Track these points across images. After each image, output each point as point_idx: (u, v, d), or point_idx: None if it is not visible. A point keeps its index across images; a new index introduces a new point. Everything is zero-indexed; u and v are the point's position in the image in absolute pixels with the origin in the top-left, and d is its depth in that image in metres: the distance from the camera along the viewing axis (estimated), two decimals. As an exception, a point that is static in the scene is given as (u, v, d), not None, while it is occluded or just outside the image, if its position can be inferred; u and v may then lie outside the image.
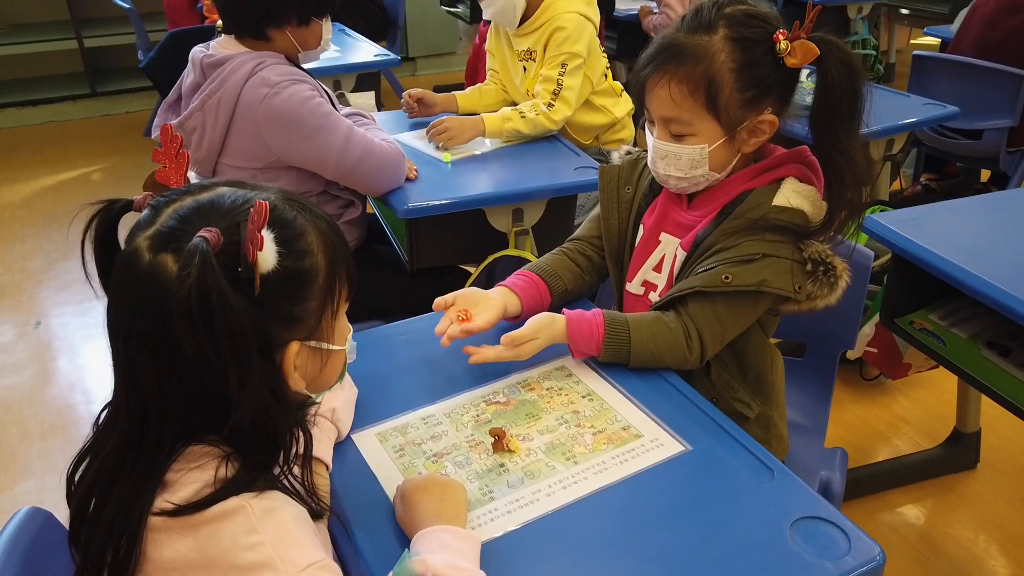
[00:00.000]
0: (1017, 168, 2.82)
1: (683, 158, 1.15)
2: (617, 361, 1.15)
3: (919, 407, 2.26)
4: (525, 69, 2.22)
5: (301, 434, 0.81)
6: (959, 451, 2.01)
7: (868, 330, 2.01)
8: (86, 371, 2.55)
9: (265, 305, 0.73)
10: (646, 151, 1.34)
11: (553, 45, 2.10)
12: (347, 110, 1.90)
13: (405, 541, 0.88)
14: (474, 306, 1.19)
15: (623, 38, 3.83)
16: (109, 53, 4.92)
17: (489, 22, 2.31)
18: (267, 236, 0.72)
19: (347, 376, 1.10)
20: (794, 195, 1.14)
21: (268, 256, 0.72)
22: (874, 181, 2.44)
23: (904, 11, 4.76)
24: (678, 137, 1.15)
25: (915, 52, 2.91)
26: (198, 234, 0.69)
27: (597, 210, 1.38)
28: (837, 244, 1.17)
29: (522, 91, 2.26)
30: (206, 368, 0.69)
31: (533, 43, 2.16)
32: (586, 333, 1.14)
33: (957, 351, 1.53)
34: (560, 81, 2.07)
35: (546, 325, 1.14)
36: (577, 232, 1.41)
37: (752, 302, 1.15)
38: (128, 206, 0.78)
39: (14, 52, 4.68)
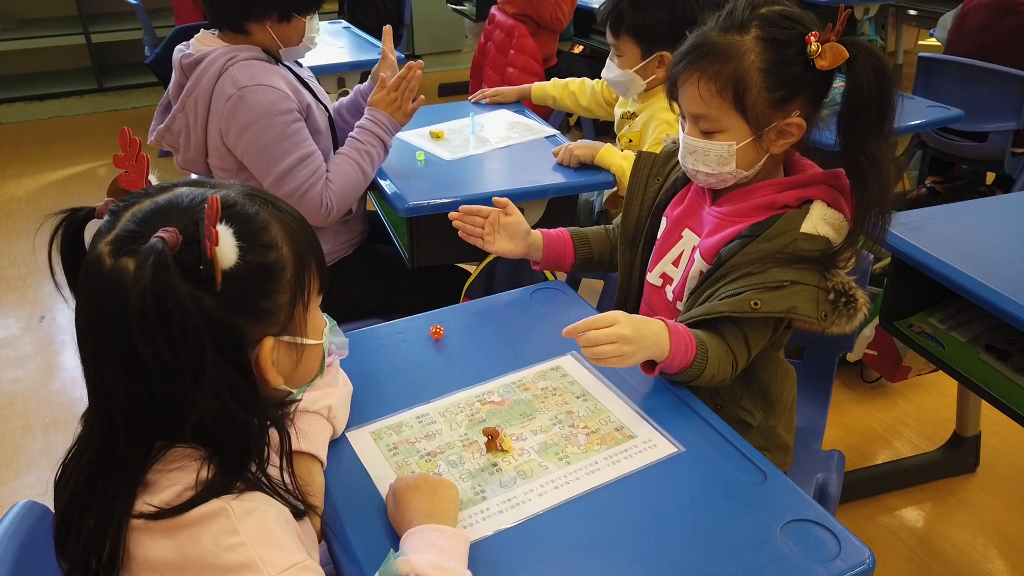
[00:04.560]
0: (1022, 171, 2.81)
1: (711, 154, 1.17)
2: (684, 381, 1.13)
3: (919, 410, 2.26)
4: (626, 128, 2.11)
5: (277, 433, 0.82)
6: (959, 455, 2.01)
7: (868, 333, 2.01)
8: (89, 366, 2.56)
9: (234, 302, 0.73)
10: None
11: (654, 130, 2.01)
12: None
13: (397, 539, 0.88)
14: (507, 230, 1.38)
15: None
16: (116, 49, 4.94)
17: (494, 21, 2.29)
18: (225, 231, 0.71)
19: (343, 373, 1.11)
20: (821, 223, 1.13)
21: (227, 251, 0.71)
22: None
23: (912, 12, 4.74)
24: (707, 134, 1.16)
25: (920, 54, 2.90)
26: (155, 235, 0.69)
27: None
28: (861, 259, 1.17)
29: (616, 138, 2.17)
30: (162, 369, 0.69)
31: (637, 109, 2.06)
32: (683, 347, 1.09)
33: (955, 355, 1.53)
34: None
35: (646, 329, 1.06)
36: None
37: (774, 323, 1.16)
38: (91, 214, 0.78)
39: (21, 47, 4.71)
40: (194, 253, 0.70)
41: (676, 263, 1.28)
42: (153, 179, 0.87)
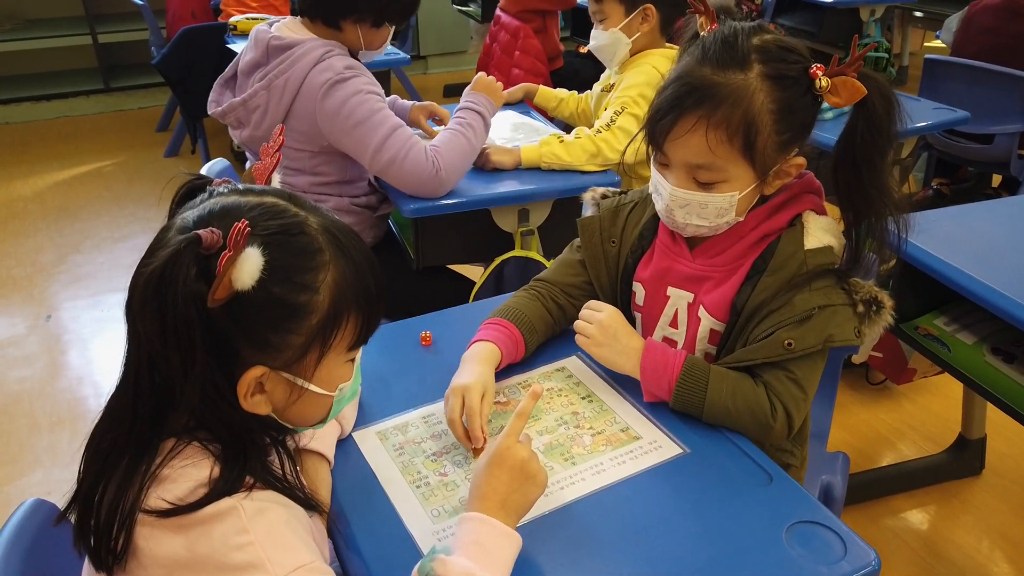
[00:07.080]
0: (1028, 173, 2.81)
1: (710, 207, 1.05)
2: (688, 411, 1.06)
3: (925, 412, 2.25)
4: (606, 101, 2.11)
5: (280, 451, 0.82)
6: (964, 457, 2.01)
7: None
8: (95, 365, 2.57)
9: (240, 322, 0.73)
10: (621, 194, 1.27)
11: (625, 86, 1.99)
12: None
13: (403, 540, 0.89)
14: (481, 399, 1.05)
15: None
16: (123, 49, 4.95)
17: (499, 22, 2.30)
18: (254, 256, 0.71)
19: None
20: (820, 232, 1.08)
21: (245, 275, 0.70)
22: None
23: (918, 14, 4.73)
24: (705, 185, 1.04)
25: (926, 56, 2.90)
26: (201, 230, 0.70)
27: (567, 254, 1.29)
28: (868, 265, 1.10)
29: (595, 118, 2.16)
30: (154, 351, 0.71)
31: (618, 80, 2.07)
32: (660, 365, 1.07)
33: (961, 357, 1.53)
34: (613, 118, 1.92)
35: (622, 338, 1.10)
36: (550, 275, 1.27)
37: (821, 353, 1.07)
38: (206, 185, 0.81)
39: (28, 47, 4.72)
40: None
41: (674, 324, 1.17)
42: (276, 179, 0.89)
